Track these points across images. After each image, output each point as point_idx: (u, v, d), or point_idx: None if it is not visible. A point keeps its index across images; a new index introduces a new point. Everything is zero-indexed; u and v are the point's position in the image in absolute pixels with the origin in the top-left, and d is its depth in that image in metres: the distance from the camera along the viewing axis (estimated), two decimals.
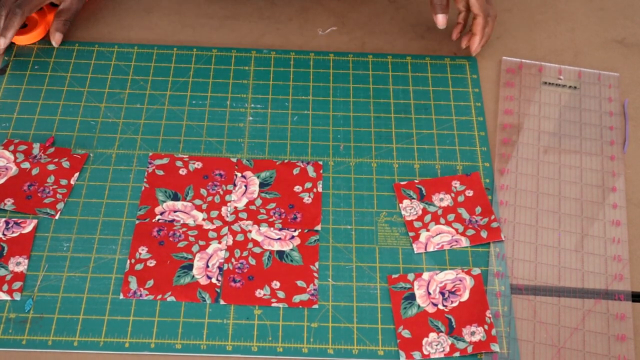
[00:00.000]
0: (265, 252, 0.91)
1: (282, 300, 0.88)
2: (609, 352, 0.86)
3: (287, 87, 1.08)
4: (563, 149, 1.03)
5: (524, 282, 0.91)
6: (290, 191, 0.97)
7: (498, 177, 0.99)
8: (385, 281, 0.90)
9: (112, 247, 0.91)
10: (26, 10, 1.04)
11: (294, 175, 0.98)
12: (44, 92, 1.05)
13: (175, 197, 0.95)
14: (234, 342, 0.85)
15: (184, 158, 0.99)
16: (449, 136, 1.03)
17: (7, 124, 1.02)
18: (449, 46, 1.14)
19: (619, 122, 1.06)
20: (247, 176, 0.98)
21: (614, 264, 0.93)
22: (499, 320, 0.88)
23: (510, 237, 0.94)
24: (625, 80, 1.11)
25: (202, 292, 0.88)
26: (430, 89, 1.08)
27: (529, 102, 1.07)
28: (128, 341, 0.85)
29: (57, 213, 0.94)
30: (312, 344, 0.85)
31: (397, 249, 0.93)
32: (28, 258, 0.90)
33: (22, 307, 0.86)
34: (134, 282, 0.88)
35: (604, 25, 1.18)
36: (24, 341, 0.84)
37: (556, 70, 1.11)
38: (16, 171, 0.97)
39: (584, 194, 0.99)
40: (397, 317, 0.87)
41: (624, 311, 0.89)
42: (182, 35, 1.13)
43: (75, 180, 0.97)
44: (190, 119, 1.03)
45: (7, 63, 1.08)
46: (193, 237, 0.92)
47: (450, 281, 0.90)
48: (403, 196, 0.97)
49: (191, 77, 1.08)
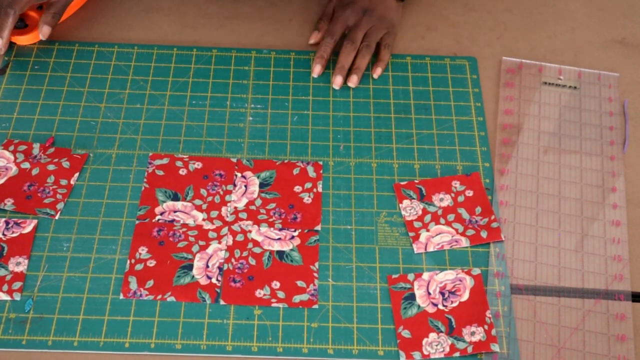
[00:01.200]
0: (265, 252, 0.91)
1: (282, 301, 0.88)
2: (609, 353, 0.86)
3: (287, 87, 1.08)
4: (563, 149, 1.03)
5: (524, 282, 0.91)
6: (290, 191, 0.97)
7: (498, 177, 0.99)
8: (385, 281, 0.90)
9: (112, 247, 0.91)
10: (17, 9, 1.03)
11: (294, 176, 0.98)
12: (44, 92, 1.05)
13: (175, 197, 0.95)
14: (234, 342, 0.85)
15: (184, 158, 0.99)
16: (449, 136, 1.03)
17: (7, 124, 1.02)
18: (449, 46, 1.14)
19: (619, 122, 1.06)
20: (247, 176, 0.98)
21: (614, 264, 0.93)
22: (499, 321, 0.88)
23: (510, 237, 0.94)
24: (625, 80, 1.11)
25: (202, 292, 0.88)
26: (430, 89, 1.08)
27: (529, 102, 1.07)
28: (128, 341, 0.85)
29: (57, 213, 0.93)
30: (312, 344, 0.85)
31: (397, 249, 0.93)
32: (28, 258, 0.90)
33: (22, 307, 0.86)
34: (134, 282, 0.88)
35: (604, 25, 1.18)
36: (24, 341, 0.84)
37: (556, 70, 1.11)
38: (16, 171, 0.97)
39: (584, 194, 0.99)
40: (397, 317, 0.87)
41: (624, 311, 0.89)
42: (182, 35, 1.13)
43: (75, 180, 0.97)
44: (190, 119, 1.03)
45: (7, 63, 1.08)
46: (193, 237, 0.92)
47: (450, 281, 0.90)
48: (403, 196, 0.97)
49: (191, 77, 1.08)
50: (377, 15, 1.09)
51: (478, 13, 1.19)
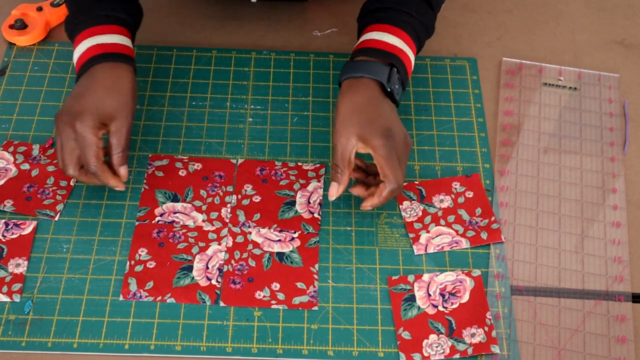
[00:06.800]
0: (265, 254, 0.91)
1: (281, 302, 0.88)
2: (609, 354, 0.86)
3: (287, 88, 1.08)
4: (563, 150, 1.03)
5: (524, 284, 0.91)
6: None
7: (498, 178, 0.99)
8: (385, 283, 0.90)
9: (111, 248, 0.91)
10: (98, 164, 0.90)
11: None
12: (44, 94, 1.05)
13: (175, 198, 0.95)
14: (233, 344, 0.85)
15: (184, 159, 0.99)
16: (449, 137, 1.03)
17: (7, 125, 1.02)
18: (449, 47, 1.14)
19: (619, 123, 1.06)
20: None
21: (614, 265, 0.93)
22: (499, 322, 0.88)
23: (510, 238, 0.94)
24: (625, 81, 1.11)
25: (202, 294, 0.88)
26: (430, 90, 1.08)
27: (529, 103, 1.07)
28: (128, 343, 0.85)
29: (56, 214, 0.93)
30: (312, 345, 0.85)
31: (397, 250, 0.93)
32: (28, 259, 0.90)
33: (22, 309, 0.86)
34: (134, 284, 0.88)
35: (604, 26, 1.18)
36: (24, 343, 0.84)
37: (556, 71, 1.11)
38: (16, 172, 0.96)
39: (584, 195, 0.99)
40: (397, 319, 0.87)
41: (625, 312, 0.89)
42: (182, 36, 1.13)
43: (75, 181, 0.96)
44: (190, 120, 1.03)
45: (7, 64, 1.08)
46: (193, 238, 0.92)
47: (451, 283, 0.90)
48: (403, 197, 0.97)
49: (191, 78, 1.08)
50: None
51: (478, 14, 1.19)
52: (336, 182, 0.90)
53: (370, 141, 0.88)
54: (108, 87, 0.91)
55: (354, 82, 0.92)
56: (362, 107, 0.90)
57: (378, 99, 0.92)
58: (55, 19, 1.13)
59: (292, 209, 0.95)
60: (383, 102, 0.92)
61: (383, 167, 0.88)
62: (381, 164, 0.88)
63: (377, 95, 0.92)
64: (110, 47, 0.94)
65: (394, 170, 0.88)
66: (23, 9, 1.12)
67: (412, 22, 0.96)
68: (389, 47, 0.94)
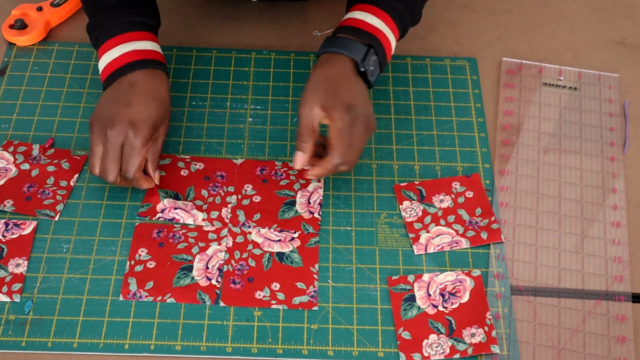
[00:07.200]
0: (265, 254, 0.91)
1: (281, 302, 0.88)
2: (609, 354, 0.86)
3: (287, 88, 1.08)
4: (563, 150, 1.03)
5: (524, 284, 0.91)
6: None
7: (498, 178, 0.99)
8: (385, 282, 0.90)
9: (111, 248, 0.91)
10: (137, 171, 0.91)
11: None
12: (44, 93, 1.05)
13: (176, 197, 0.95)
14: (233, 344, 0.85)
15: (186, 159, 0.99)
16: (449, 137, 1.03)
17: (7, 125, 1.02)
18: (449, 47, 1.14)
19: (619, 123, 1.06)
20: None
21: (614, 265, 0.93)
22: (499, 322, 0.88)
23: (510, 238, 0.94)
24: (625, 81, 1.11)
25: (202, 294, 0.88)
26: (430, 90, 1.08)
27: (529, 103, 1.07)
28: (128, 343, 0.85)
29: (56, 214, 0.93)
30: (312, 345, 0.85)
31: (397, 250, 0.93)
32: (28, 259, 0.90)
33: (22, 309, 0.86)
34: (134, 284, 0.88)
35: (604, 26, 1.18)
36: (24, 343, 0.84)
37: (556, 71, 1.11)
38: (16, 172, 0.96)
39: (584, 195, 0.99)
40: (397, 319, 0.87)
41: (625, 312, 0.89)
42: (182, 36, 1.13)
43: (75, 181, 0.97)
44: (190, 120, 1.03)
45: (7, 64, 1.08)
46: (193, 238, 0.92)
47: (451, 282, 0.90)
48: (403, 197, 0.97)
49: (191, 78, 1.08)
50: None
51: (478, 14, 1.19)
52: (301, 150, 0.90)
53: (330, 112, 0.89)
54: (152, 95, 0.92)
55: (330, 57, 0.94)
56: (332, 80, 0.92)
57: (350, 76, 0.93)
58: (55, 19, 1.13)
59: (292, 209, 0.95)
60: (355, 80, 0.93)
61: (333, 139, 0.89)
62: (333, 135, 0.89)
63: (350, 74, 0.93)
64: (148, 53, 0.95)
65: (343, 145, 0.89)
66: (23, 9, 1.12)
67: (398, 6, 0.97)
68: (370, 27, 0.95)
